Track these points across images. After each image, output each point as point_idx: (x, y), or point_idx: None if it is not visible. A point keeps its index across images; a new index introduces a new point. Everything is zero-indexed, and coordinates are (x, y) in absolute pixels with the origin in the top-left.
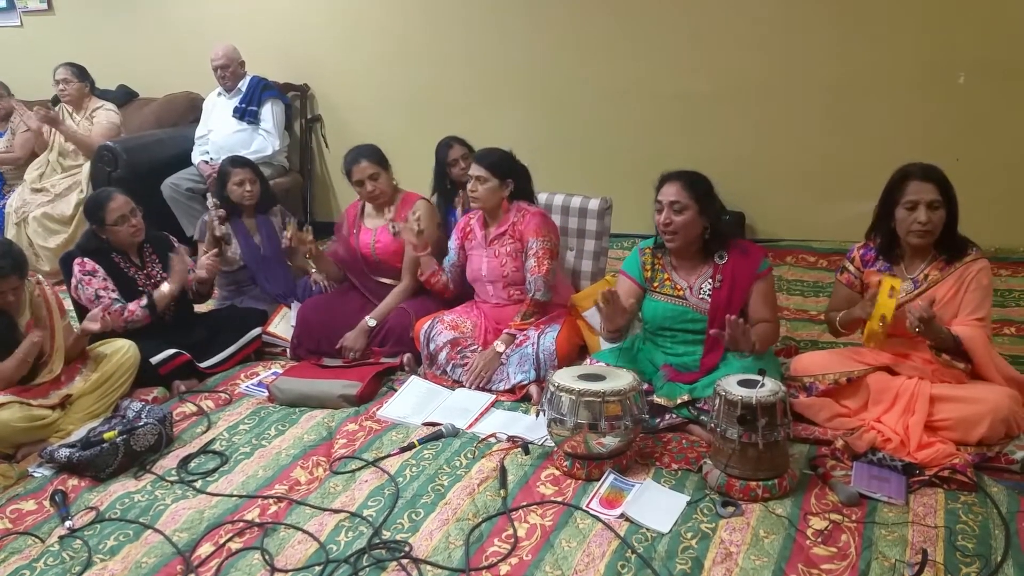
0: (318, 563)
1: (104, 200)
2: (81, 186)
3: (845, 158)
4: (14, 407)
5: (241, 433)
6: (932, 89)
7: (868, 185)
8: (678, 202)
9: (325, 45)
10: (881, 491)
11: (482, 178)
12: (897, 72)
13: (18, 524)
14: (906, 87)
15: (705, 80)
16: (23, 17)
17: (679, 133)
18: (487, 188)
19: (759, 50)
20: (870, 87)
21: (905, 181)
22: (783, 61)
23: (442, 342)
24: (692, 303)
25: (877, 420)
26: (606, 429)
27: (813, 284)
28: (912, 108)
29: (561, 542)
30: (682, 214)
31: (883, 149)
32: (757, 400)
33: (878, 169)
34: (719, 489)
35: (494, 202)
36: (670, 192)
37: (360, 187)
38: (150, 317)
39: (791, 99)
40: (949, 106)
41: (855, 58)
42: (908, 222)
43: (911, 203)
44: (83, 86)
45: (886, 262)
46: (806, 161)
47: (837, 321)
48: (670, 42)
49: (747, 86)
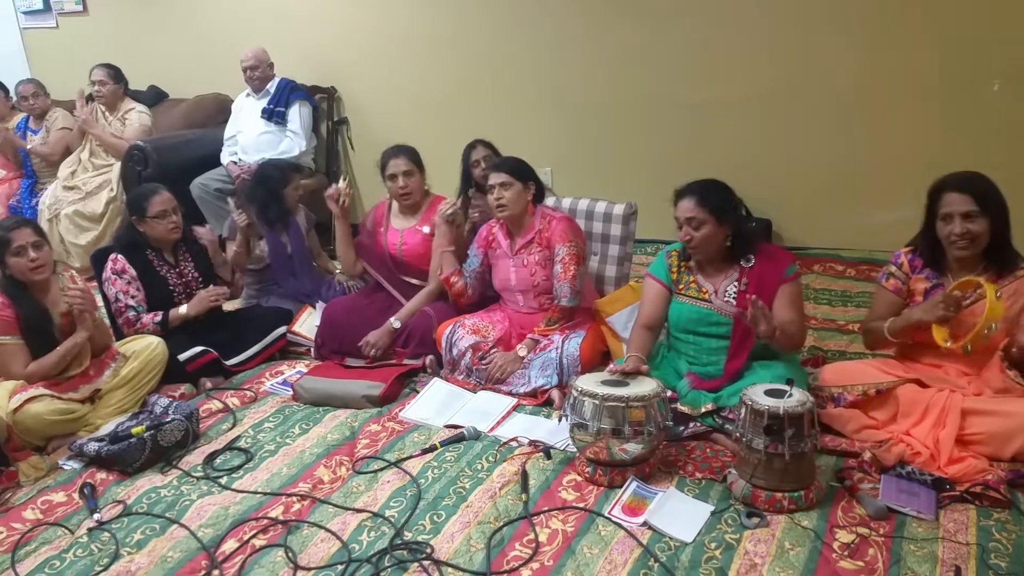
0: (340, 562)
1: (149, 193)
2: (111, 185)
3: (874, 166)
4: (46, 400)
5: (266, 431)
6: (961, 95)
7: (897, 193)
8: (694, 218)
9: (352, 48)
10: (910, 505)
11: (505, 184)
12: (927, 78)
13: (49, 515)
14: (935, 93)
15: (731, 86)
16: (59, 19)
17: (705, 139)
18: (512, 193)
19: (788, 57)
20: (899, 93)
21: (940, 193)
22: (813, 67)
23: (464, 347)
24: (717, 306)
25: (906, 433)
26: (629, 435)
27: (841, 294)
28: (941, 115)
29: (583, 548)
30: (701, 229)
31: (913, 157)
32: (784, 410)
33: (907, 177)
34: (744, 500)
35: (520, 207)
36: (686, 208)
37: (392, 181)
38: (160, 332)
39: (819, 106)
40: (978, 113)
41: (884, 64)
42: (945, 234)
43: (946, 215)
44: (118, 88)
45: (933, 271)
46: (834, 168)
47: (887, 328)
48: (696, 49)
49: (775, 92)
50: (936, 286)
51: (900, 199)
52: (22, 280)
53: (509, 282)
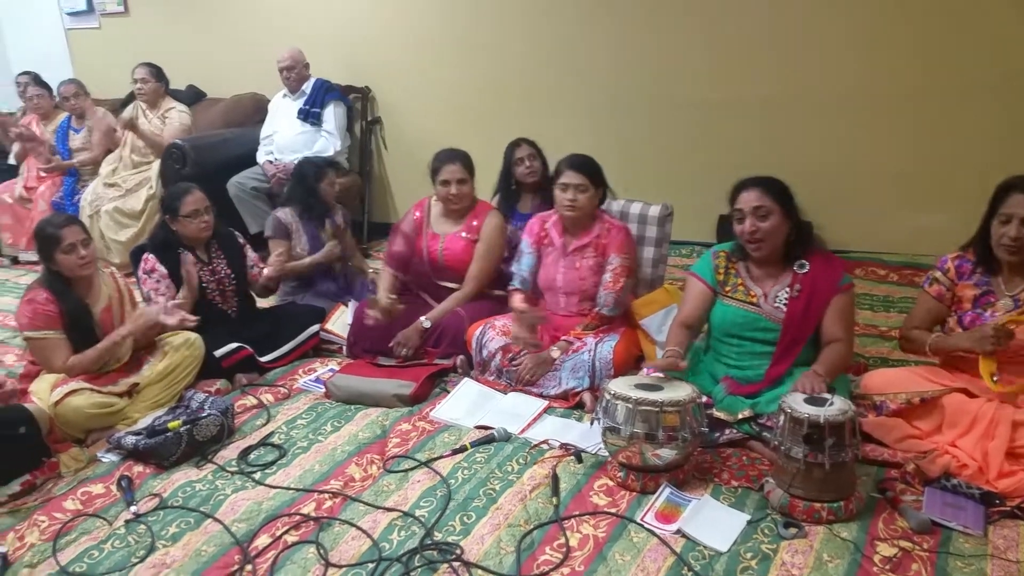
0: (371, 560)
1: (182, 192)
2: (151, 182)
3: (919, 168)
4: (85, 393)
5: (299, 427)
6: (1012, 97)
7: (945, 196)
8: (762, 207)
9: (387, 49)
10: (956, 520)
11: (582, 186)
12: (986, 76)
13: (88, 506)
14: (994, 93)
15: (772, 86)
16: (101, 19)
17: (743, 140)
18: (586, 197)
19: (832, 57)
20: (954, 93)
21: (1006, 193)
22: (856, 68)
23: (494, 348)
24: (766, 311)
25: (952, 444)
26: (663, 440)
27: (883, 299)
28: (998, 116)
29: (615, 555)
30: (767, 219)
31: (964, 159)
32: (825, 419)
33: (957, 179)
34: (781, 509)
35: (589, 211)
36: (751, 198)
37: (444, 187)
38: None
39: (863, 106)
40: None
41: (932, 65)
42: (998, 235)
43: (1006, 216)
44: (159, 86)
45: (984, 274)
46: (880, 169)
47: (929, 345)
48: (736, 48)
49: (817, 93)
50: (986, 293)
51: (949, 202)
52: (67, 276)
53: (555, 282)
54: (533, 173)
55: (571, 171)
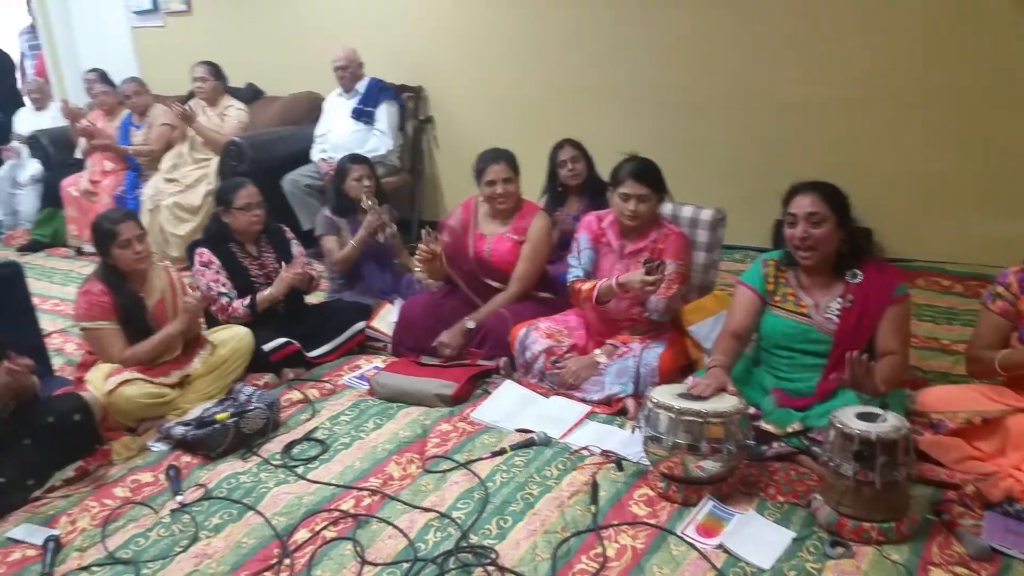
0: (406, 560)
1: (236, 186)
2: (209, 178)
3: (987, 173)
4: (138, 383)
5: (342, 423)
6: None
7: (1012, 204)
8: (816, 213)
9: (440, 48)
10: (1018, 548)
11: (645, 197)
12: None
13: (136, 494)
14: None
15: (829, 86)
16: (166, 18)
17: (798, 142)
18: (648, 207)
19: (890, 54)
20: (1018, 94)
21: None
22: (917, 65)
23: (537, 350)
24: (816, 322)
25: (1016, 468)
26: (706, 452)
27: (946, 311)
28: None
29: (653, 567)
30: (820, 227)
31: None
32: (877, 436)
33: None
34: (829, 527)
35: (649, 219)
36: (805, 203)
37: (490, 187)
38: (250, 316)
39: (924, 106)
40: None
41: (1000, 63)
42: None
43: None
44: (218, 84)
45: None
46: (945, 175)
47: (998, 362)
48: (791, 47)
49: (876, 92)
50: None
51: (1018, 211)
52: (122, 270)
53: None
54: (576, 175)
55: (633, 180)
